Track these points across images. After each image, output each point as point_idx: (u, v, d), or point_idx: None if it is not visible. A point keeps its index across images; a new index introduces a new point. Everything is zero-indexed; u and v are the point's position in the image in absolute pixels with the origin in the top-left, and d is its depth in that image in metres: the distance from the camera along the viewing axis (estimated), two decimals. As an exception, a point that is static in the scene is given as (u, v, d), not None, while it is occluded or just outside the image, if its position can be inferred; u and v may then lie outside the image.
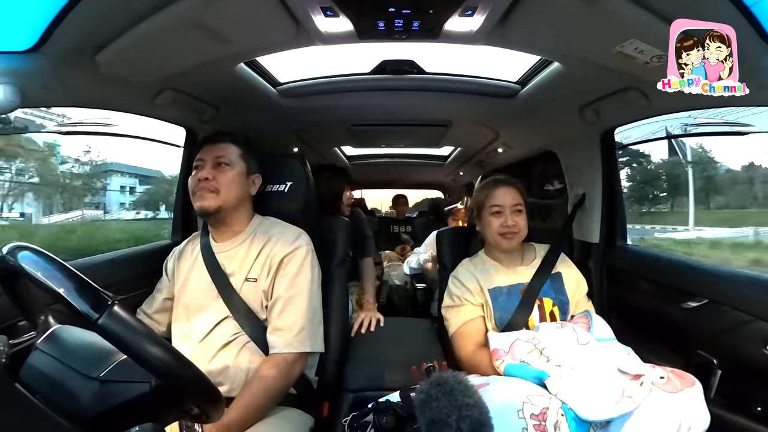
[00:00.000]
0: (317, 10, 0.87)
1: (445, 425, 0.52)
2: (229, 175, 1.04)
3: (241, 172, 1.07)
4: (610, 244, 1.56)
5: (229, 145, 1.08)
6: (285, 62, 1.36)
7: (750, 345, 0.98)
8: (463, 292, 1.20)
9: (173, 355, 0.55)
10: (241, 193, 1.07)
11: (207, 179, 1.02)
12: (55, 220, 8.28)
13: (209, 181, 1.02)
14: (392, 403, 0.71)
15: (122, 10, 0.80)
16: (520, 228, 1.20)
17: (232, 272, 1.03)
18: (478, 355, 1.08)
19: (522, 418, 0.78)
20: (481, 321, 1.18)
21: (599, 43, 0.91)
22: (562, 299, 1.19)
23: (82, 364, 0.56)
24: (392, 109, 1.73)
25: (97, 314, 0.49)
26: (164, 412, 0.61)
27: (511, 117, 1.68)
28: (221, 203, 1.03)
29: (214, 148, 1.07)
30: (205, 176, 1.02)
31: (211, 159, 1.05)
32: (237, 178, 1.06)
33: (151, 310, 1.10)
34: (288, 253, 1.03)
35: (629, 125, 1.47)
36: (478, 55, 1.21)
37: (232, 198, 1.05)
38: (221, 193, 1.03)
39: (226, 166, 1.05)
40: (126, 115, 1.25)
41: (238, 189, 1.06)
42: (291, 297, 1.00)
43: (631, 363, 0.88)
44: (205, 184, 1.02)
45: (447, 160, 3.22)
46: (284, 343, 0.96)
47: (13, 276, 0.58)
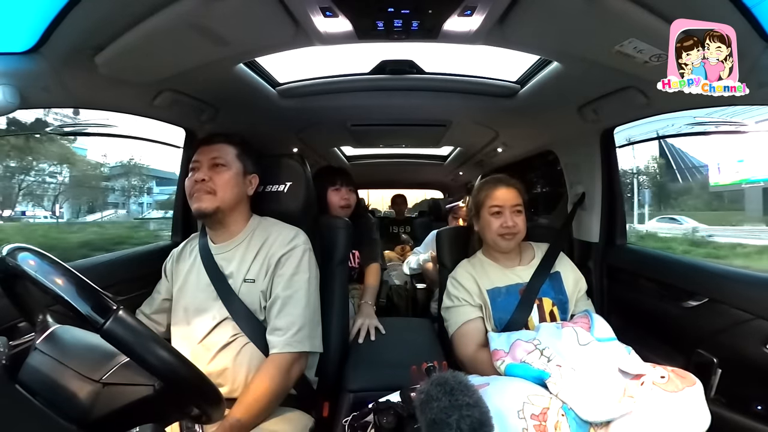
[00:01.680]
0: (316, 10, 0.87)
1: (445, 425, 0.52)
2: (225, 175, 1.04)
3: (238, 172, 1.07)
4: (610, 244, 1.57)
5: (225, 146, 1.07)
6: (284, 63, 1.36)
7: (750, 344, 0.98)
8: (462, 293, 1.20)
9: (178, 359, 0.55)
10: (238, 193, 1.07)
11: (203, 180, 1.02)
12: (92, 219, 9.38)
13: (206, 183, 1.02)
14: (392, 403, 0.71)
15: (121, 12, 0.80)
16: (520, 229, 1.20)
17: (230, 273, 1.02)
18: (478, 356, 1.08)
19: (522, 419, 0.78)
20: (480, 321, 1.18)
21: (598, 42, 0.91)
22: (562, 298, 1.19)
23: (82, 366, 0.56)
24: (392, 109, 1.73)
25: (103, 320, 0.49)
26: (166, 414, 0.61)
27: (510, 116, 1.68)
28: (218, 204, 1.02)
29: (210, 149, 1.06)
30: (201, 177, 1.02)
31: (207, 160, 1.04)
32: (233, 178, 1.05)
33: (151, 311, 1.10)
34: (285, 252, 1.03)
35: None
36: (477, 55, 1.21)
37: (229, 199, 1.04)
38: (218, 194, 1.02)
39: (222, 167, 1.04)
40: (129, 116, 1.25)
41: (234, 189, 1.05)
42: (289, 296, 1.00)
43: (632, 363, 0.88)
44: (202, 186, 1.02)
45: (446, 160, 3.22)
46: (283, 342, 0.96)
47: (12, 277, 0.58)
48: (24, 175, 8.32)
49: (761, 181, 7.17)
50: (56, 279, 0.51)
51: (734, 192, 7.70)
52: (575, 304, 1.21)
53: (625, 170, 4.17)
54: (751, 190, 7.43)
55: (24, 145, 8.11)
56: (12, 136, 7.60)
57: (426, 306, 2.32)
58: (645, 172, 8.64)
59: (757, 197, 7.40)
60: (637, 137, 1.85)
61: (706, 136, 6.20)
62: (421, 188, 5.36)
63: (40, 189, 8.74)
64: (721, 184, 7.85)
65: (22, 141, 7.93)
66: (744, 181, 7.42)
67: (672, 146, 8.95)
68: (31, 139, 8.07)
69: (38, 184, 8.68)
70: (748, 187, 7.43)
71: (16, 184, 8.20)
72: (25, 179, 8.35)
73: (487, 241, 1.26)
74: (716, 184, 7.88)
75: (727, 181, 7.72)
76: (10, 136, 5.78)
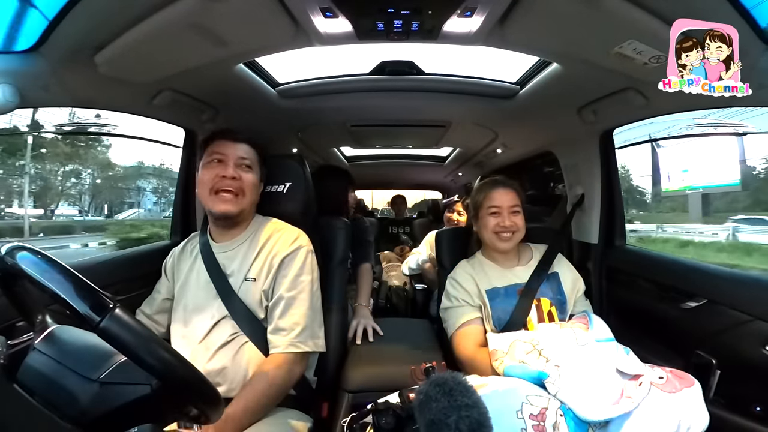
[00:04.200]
0: (316, 10, 0.87)
1: (444, 426, 0.52)
2: (251, 178, 1.03)
3: (258, 177, 1.07)
4: (609, 245, 1.57)
5: (250, 149, 1.06)
6: (284, 63, 1.36)
7: (749, 345, 0.99)
8: (462, 293, 1.20)
9: (175, 358, 0.55)
10: (255, 199, 1.07)
11: (234, 178, 0.99)
12: (122, 217, 10.70)
13: (235, 181, 1.00)
14: (391, 404, 0.71)
15: (121, 11, 0.80)
16: (517, 228, 1.20)
17: (231, 272, 1.02)
18: (477, 356, 1.08)
19: (521, 419, 0.78)
20: (479, 322, 1.18)
21: (598, 43, 0.91)
22: (560, 299, 1.19)
23: (81, 366, 0.56)
24: (391, 110, 1.73)
25: (99, 317, 0.49)
26: (164, 414, 0.61)
27: (510, 118, 1.68)
28: (243, 207, 1.02)
29: (237, 147, 1.04)
30: (231, 174, 0.99)
31: (235, 158, 1.02)
32: (256, 182, 1.05)
33: (151, 310, 1.10)
34: (289, 253, 1.02)
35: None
36: (477, 56, 1.21)
37: (249, 203, 1.04)
38: (245, 196, 1.01)
39: (249, 168, 1.03)
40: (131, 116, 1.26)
41: (255, 194, 1.06)
42: (292, 297, 1.00)
43: (630, 363, 0.88)
44: (231, 183, 0.99)
45: (446, 160, 3.22)
46: (286, 342, 0.96)
47: (11, 276, 0.58)
48: (69, 177, 10.00)
49: (701, 188, 8.52)
50: (53, 277, 0.51)
51: (681, 197, 9.10)
52: (574, 305, 1.21)
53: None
54: (693, 196, 8.85)
55: (72, 152, 9.84)
56: (51, 140, 9.21)
57: (425, 306, 2.32)
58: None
59: (697, 202, 8.88)
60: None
61: (661, 148, 8.04)
62: (420, 189, 5.36)
63: (74, 189, 10.35)
64: (671, 190, 9.11)
65: (69, 148, 9.75)
66: (688, 188, 8.73)
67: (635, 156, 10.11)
68: (70, 145, 9.83)
69: (74, 185, 10.33)
70: (691, 193, 8.79)
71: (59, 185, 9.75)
72: (68, 181, 10.03)
73: (485, 241, 1.26)
74: (667, 190, 9.13)
75: (675, 187, 8.94)
76: (15, 135, 6.22)
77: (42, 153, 9.14)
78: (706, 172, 8.09)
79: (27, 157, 8.34)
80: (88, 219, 9.83)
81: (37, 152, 8.75)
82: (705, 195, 8.73)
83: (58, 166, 9.50)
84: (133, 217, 10.46)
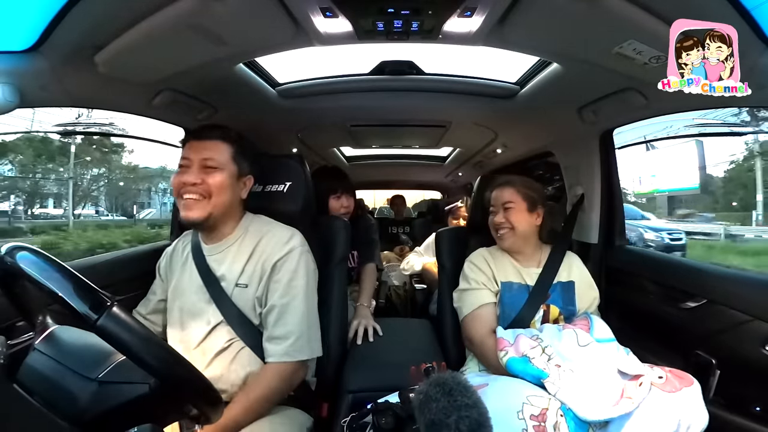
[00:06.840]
0: (316, 10, 0.87)
1: (444, 426, 0.52)
2: (218, 179, 0.95)
3: (232, 174, 0.98)
4: (609, 245, 1.56)
5: (219, 144, 0.98)
6: (284, 63, 1.36)
7: (749, 345, 0.99)
8: (480, 276, 1.20)
9: (172, 357, 0.55)
10: (231, 198, 0.99)
11: (195, 184, 0.93)
12: (143, 216, 12.14)
13: (197, 186, 0.93)
14: (391, 404, 0.71)
15: (121, 11, 0.80)
16: (512, 225, 1.19)
17: (222, 275, 0.99)
18: (487, 340, 1.08)
19: (521, 419, 0.78)
20: (493, 307, 1.17)
21: (598, 43, 0.91)
22: (571, 309, 1.17)
23: (80, 365, 0.56)
24: (391, 109, 1.73)
25: (96, 315, 0.49)
26: (163, 413, 0.61)
27: (510, 118, 1.68)
28: (210, 211, 0.95)
29: (202, 147, 0.96)
30: (191, 181, 0.93)
31: (198, 161, 0.95)
32: (227, 182, 0.96)
33: (147, 311, 1.09)
34: (281, 257, 0.98)
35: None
36: (477, 56, 1.21)
37: (221, 204, 0.96)
38: (211, 198, 0.94)
39: (213, 170, 0.95)
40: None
41: (227, 195, 0.97)
42: (286, 305, 0.96)
43: (630, 364, 0.88)
44: (193, 189, 0.93)
45: (446, 160, 3.22)
46: (281, 352, 0.94)
47: (11, 276, 0.58)
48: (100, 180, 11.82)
49: (666, 191, 10.10)
50: (51, 275, 0.51)
51: (650, 199, 10.75)
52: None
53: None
54: (660, 198, 10.49)
55: (101, 158, 11.57)
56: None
57: (425, 307, 2.32)
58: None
59: (663, 203, 10.50)
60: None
61: (635, 155, 9.26)
62: (420, 189, 5.36)
63: (97, 191, 11.98)
64: (641, 193, 10.71)
65: (99, 154, 11.41)
66: (655, 191, 10.29)
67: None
68: (100, 151, 11.55)
69: (99, 188, 12.07)
70: (658, 195, 10.42)
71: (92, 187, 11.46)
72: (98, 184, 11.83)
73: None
74: (638, 193, 10.69)
75: (645, 190, 10.55)
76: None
77: (84, 160, 10.86)
78: (670, 176, 9.52)
79: (71, 163, 10.21)
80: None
81: (80, 159, 10.49)
82: (671, 197, 10.28)
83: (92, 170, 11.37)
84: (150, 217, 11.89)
